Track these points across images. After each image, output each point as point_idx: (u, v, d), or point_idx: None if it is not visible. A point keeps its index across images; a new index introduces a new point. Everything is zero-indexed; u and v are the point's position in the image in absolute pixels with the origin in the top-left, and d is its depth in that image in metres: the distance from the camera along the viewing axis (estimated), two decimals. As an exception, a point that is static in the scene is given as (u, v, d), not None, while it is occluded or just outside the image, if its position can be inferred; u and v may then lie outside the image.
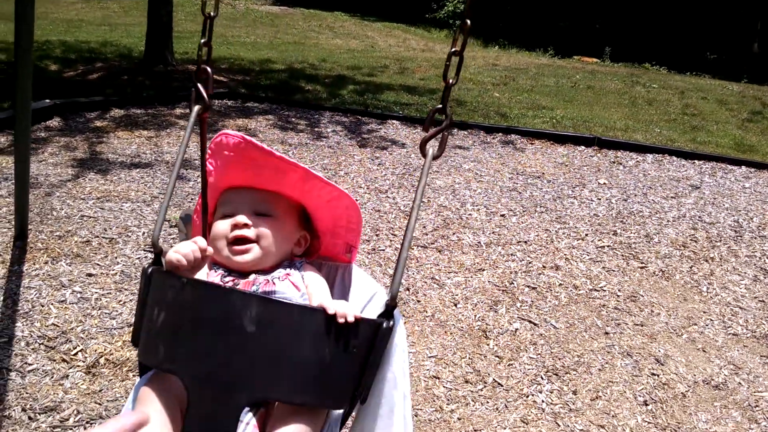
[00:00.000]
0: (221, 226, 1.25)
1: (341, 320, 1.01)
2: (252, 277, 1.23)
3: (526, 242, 4.34)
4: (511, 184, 5.50)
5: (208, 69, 1.22)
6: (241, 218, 1.22)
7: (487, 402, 2.76)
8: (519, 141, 6.88)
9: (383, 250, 4.04)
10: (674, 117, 8.76)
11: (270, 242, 1.24)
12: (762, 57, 16.44)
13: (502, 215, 4.77)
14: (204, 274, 1.24)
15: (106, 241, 3.76)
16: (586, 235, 4.54)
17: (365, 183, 5.18)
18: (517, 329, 3.32)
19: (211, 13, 1.27)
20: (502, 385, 2.87)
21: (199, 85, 1.21)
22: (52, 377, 2.60)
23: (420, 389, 2.81)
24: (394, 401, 1.14)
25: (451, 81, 1.20)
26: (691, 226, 4.88)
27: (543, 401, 2.79)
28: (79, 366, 2.70)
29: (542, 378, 2.95)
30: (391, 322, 1.08)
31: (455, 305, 3.50)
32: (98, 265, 3.49)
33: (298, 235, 1.34)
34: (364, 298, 1.32)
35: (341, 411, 1.14)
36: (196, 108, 1.22)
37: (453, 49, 1.20)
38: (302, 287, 1.24)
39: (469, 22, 1.17)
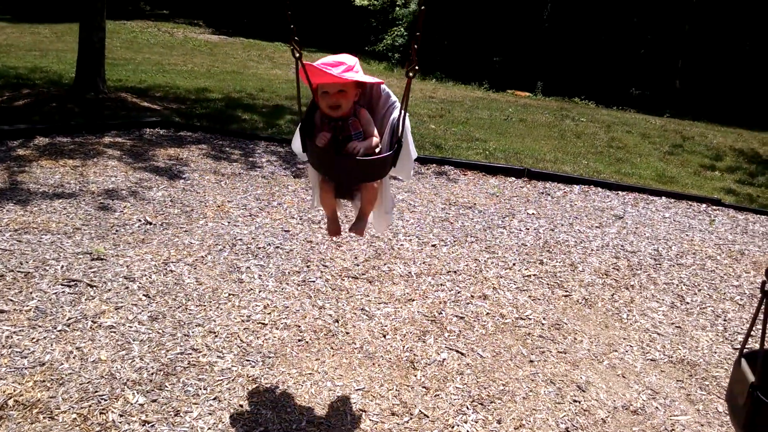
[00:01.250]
0: (324, 100, 2.47)
1: (377, 149, 2.53)
2: (340, 121, 2.49)
3: (455, 272, 4.41)
4: (443, 214, 5.58)
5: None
6: (333, 95, 2.46)
7: (413, 434, 2.75)
8: (452, 172, 7.02)
9: (313, 281, 4.02)
10: (601, 149, 9.12)
11: (345, 102, 2.47)
12: (683, 93, 17.38)
13: (434, 245, 4.84)
14: (318, 118, 2.55)
15: (21, 276, 3.60)
16: (514, 264, 4.65)
17: (298, 213, 5.17)
18: (445, 359, 3.35)
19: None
20: (428, 417, 2.88)
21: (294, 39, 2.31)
22: (-47, 422, 2.45)
23: (346, 423, 2.78)
24: (410, 158, 2.54)
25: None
26: (613, 254, 5.06)
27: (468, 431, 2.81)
28: (-16, 409, 2.56)
29: (468, 408, 2.97)
30: (401, 143, 2.45)
31: (384, 336, 3.51)
32: (11, 300, 3.34)
33: (356, 91, 2.52)
34: (388, 104, 2.61)
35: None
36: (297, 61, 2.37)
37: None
38: (360, 127, 2.51)
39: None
